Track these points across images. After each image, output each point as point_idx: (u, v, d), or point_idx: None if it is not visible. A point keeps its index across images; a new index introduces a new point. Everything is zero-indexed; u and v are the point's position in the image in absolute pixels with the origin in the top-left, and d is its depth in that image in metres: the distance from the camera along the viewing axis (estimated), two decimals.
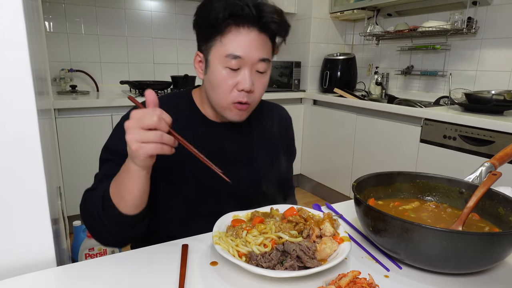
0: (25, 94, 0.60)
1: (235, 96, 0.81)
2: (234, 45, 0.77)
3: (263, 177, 0.96)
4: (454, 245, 0.59)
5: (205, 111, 0.91)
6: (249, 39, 0.77)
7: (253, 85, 0.80)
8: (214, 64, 0.80)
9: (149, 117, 0.60)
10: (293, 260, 0.62)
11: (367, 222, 0.69)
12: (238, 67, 0.79)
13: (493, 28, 2.32)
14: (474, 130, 1.88)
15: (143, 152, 0.61)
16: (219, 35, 0.78)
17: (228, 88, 0.80)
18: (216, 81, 0.80)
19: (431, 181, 0.86)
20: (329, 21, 3.25)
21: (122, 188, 0.69)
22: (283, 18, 0.81)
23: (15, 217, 0.63)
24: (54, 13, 2.61)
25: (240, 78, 0.79)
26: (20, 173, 0.61)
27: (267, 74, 0.84)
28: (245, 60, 0.78)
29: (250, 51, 0.78)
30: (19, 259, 0.65)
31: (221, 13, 0.75)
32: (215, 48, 0.79)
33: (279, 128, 1.03)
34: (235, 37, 0.77)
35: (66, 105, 2.19)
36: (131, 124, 0.61)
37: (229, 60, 0.78)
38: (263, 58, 0.80)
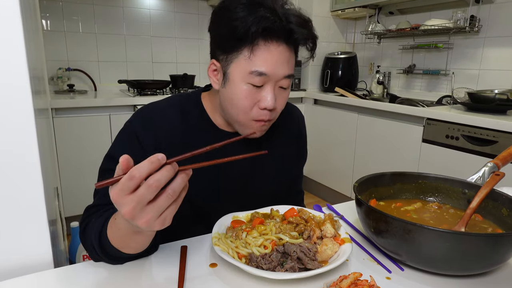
0: (21, 93, 0.60)
1: (256, 115, 0.77)
2: (261, 61, 0.72)
3: (275, 188, 0.94)
4: (456, 246, 0.59)
5: (215, 120, 0.87)
6: (277, 55, 0.73)
7: (275, 101, 0.77)
8: (235, 80, 0.75)
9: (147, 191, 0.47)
10: (294, 261, 0.62)
11: (369, 223, 0.69)
12: (261, 84, 0.74)
13: (496, 27, 2.32)
14: (477, 130, 1.88)
15: (168, 222, 0.51)
16: (246, 49, 0.72)
17: (249, 105, 0.76)
18: (237, 97, 0.76)
19: (434, 182, 0.86)
20: (330, 19, 3.25)
21: (128, 242, 0.61)
22: (312, 31, 0.77)
23: (11, 218, 0.63)
24: (51, 11, 2.61)
25: (263, 95, 0.75)
26: (17, 173, 0.61)
27: (289, 88, 0.80)
28: (270, 77, 0.74)
29: (276, 67, 0.73)
30: (16, 261, 0.65)
31: (253, 27, 0.69)
32: (238, 62, 0.74)
33: (293, 130, 1.00)
34: (263, 53, 0.72)
35: (63, 105, 2.19)
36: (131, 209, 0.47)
37: (253, 77, 0.73)
38: (288, 75, 0.76)
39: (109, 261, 0.66)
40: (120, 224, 0.59)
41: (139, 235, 0.58)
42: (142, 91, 2.59)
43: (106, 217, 0.65)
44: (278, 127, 0.94)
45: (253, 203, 0.84)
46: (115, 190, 0.47)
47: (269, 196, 0.92)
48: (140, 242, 0.61)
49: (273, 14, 0.71)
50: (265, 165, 0.92)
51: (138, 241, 0.60)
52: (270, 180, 0.93)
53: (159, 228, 0.50)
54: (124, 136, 0.81)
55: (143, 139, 0.79)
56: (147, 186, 0.46)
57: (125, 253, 0.63)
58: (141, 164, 0.46)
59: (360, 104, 2.58)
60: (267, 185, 0.93)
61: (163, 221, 0.50)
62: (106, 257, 0.65)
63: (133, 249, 0.63)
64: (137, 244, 0.61)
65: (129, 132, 0.81)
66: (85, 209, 0.75)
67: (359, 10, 2.96)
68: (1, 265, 0.64)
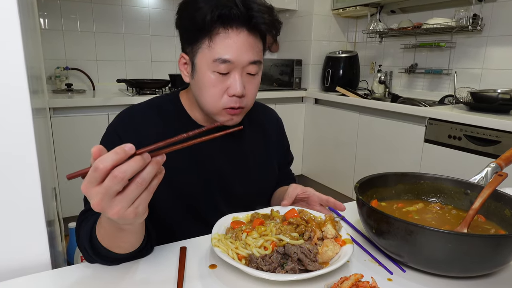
0: (19, 93, 0.60)
1: (226, 102, 0.79)
2: (223, 48, 0.74)
3: (257, 182, 0.96)
4: (459, 247, 0.59)
5: (194, 115, 0.89)
6: (238, 41, 0.75)
7: (244, 88, 0.78)
8: (202, 69, 0.77)
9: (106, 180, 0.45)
10: (294, 263, 0.62)
11: (370, 224, 0.69)
12: (227, 71, 0.76)
13: (499, 25, 2.32)
14: (480, 130, 1.88)
15: (141, 212, 0.49)
16: (206, 38, 0.75)
17: (218, 93, 0.78)
18: (205, 86, 0.78)
19: (436, 182, 0.86)
20: (331, 18, 3.25)
21: (116, 241, 0.61)
22: (273, 16, 0.78)
23: (8, 218, 0.63)
24: (49, 10, 2.61)
25: (230, 82, 0.77)
26: (14, 173, 0.61)
27: (258, 75, 0.82)
28: (235, 64, 0.76)
29: (239, 54, 0.75)
30: (13, 262, 0.65)
31: (208, 15, 0.72)
32: (202, 52, 0.76)
33: (273, 131, 1.03)
34: (223, 40, 0.74)
35: (61, 104, 2.19)
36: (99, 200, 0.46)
37: (218, 65, 0.75)
38: (254, 61, 0.78)
39: (103, 262, 0.66)
40: (104, 222, 0.59)
41: (122, 232, 0.58)
42: (141, 91, 2.59)
43: (94, 219, 0.65)
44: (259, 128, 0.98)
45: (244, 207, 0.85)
46: (84, 183, 0.46)
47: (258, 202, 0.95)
48: (126, 240, 0.60)
49: (230, 1, 0.73)
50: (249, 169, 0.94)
51: (124, 239, 0.60)
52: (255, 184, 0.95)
53: (133, 218, 0.48)
54: (106, 138, 0.83)
55: (125, 138, 0.80)
56: (112, 177, 0.44)
57: (116, 253, 0.63)
58: (106, 155, 0.45)
59: (362, 104, 2.58)
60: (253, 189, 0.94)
61: (135, 210, 0.48)
62: (99, 258, 0.65)
63: (122, 249, 0.63)
64: (125, 243, 0.61)
65: (111, 133, 0.83)
66: (79, 215, 0.75)
67: (361, 9, 2.96)
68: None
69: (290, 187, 0.88)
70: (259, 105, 1.05)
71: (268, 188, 1.01)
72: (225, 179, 0.90)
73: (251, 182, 0.95)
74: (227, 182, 0.91)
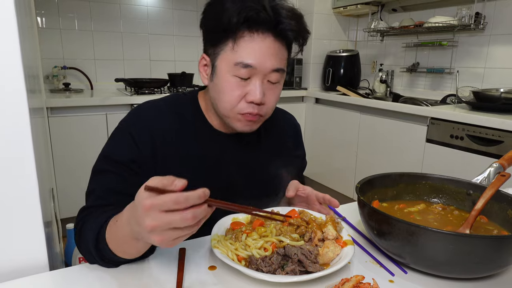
0: (16, 92, 0.60)
1: (243, 107, 0.77)
2: (246, 52, 0.73)
3: (271, 193, 0.94)
4: (461, 249, 0.59)
5: (210, 120, 0.87)
6: (263, 46, 0.73)
7: (264, 96, 0.76)
8: (222, 71, 0.76)
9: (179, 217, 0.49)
10: (295, 264, 0.62)
11: (371, 225, 0.69)
12: (248, 77, 0.75)
13: (502, 24, 2.32)
14: (482, 130, 1.88)
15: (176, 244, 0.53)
16: (230, 40, 0.74)
17: (236, 98, 0.76)
18: (223, 90, 0.76)
19: (438, 183, 0.86)
20: (332, 17, 3.25)
21: (125, 247, 0.61)
22: (302, 24, 0.77)
23: (6, 220, 0.63)
24: (46, 8, 2.61)
25: (250, 88, 0.75)
26: (11, 174, 0.61)
27: (280, 84, 0.80)
28: (257, 70, 0.74)
29: (263, 60, 0.74)
30: (10, 264, 0.65)
31: (235, 17, 0.71)
32: (224, 54, 0.75)
33: (290, 138, 1.01)
34: (247, 43, 0.73)
35: (59, 104, 2.19)
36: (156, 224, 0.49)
37: (239, 69, 0.74)
38: (277, 68, 0.76)
39: (104, 264, 0.66)
40: (122, 227, 0.59)
41: (139, 242, 0.58)
42: (139, 90, 2.59)
43: (105, 218, 0.65)
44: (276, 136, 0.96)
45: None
46: (153, 201, 0.48)
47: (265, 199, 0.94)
48: (137, 248, 0.61)
49: (259, 5, 0.72)
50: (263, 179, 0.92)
51: (136, 247, 0.60)
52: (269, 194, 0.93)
53: (172, 246, 0.52)
54: (119, 135, 0.81)
55: (138, 138, 0.79)
56: (183, 218, 0.48)
57: (120, 257, 0.63)
58: (191, 194, 0.48)
59: (363, 103, 2.58)
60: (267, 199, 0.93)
61: (174, 242, 0.51)
62: (101, 259, 0.64)
63: (128, 255, 0.63)
64: (134, 250, 0.61)
65: (124, 131, 0.81)
66: (80, 211, 0.75)
67: (362, 7, 2.96)
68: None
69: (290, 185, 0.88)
70: (279, 111, 1.03)
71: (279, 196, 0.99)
72: (237, 191, 0.88)
73: (264, 195, 0.92)
74: (240, 195, 0.88)
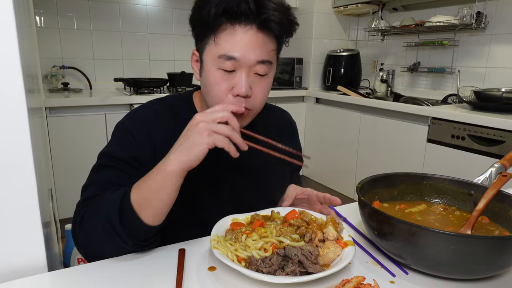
0: (15, 92, 0.60)
1: (231, 102, 0.75)
2: (229, 44, 0.72)
3: (267, 187, 0.95)
4: (462, 249, 0.59)
5: None
6: (245, 38, 0.72)
7: (250, 89, 0.75)
8: (208, 65, 0.76)
9: (220, 112, 0.65)
10: (295, 265, 0.62)
11: (372, 226, 0.69)
12: (233, 69, 0.74)
13: (503, 23, 2.32)
14: (484, 130, 1.88)
15: (211, 140, 0.64)
16: (212, 33, 0.73)
17: (223, 92, 0.75)
18: (210, 83, 0.76)
19: (439, 183, 0.86)
20: (332, 16, 3.25)
21: (151, 195, 0.66)
22: (286, 16, 0.76)
23: (4, 220, 0.63)
24: (45, 7, 2.61)
25: (236, 81, 0.74)
26: (9, 174, 0.61)
27: (268, 77, 0.79)
28: (241, 62, 0.73)
29: (246, 52, 0.72)
30: (8, 264, 0.65)
31: (213, 9, 0.71)
32: (209, 48, 0.75)
33: (287, 136, 1.02)
34: (229, 36, 0.72)
35: (57, 104, 2.19)
36: (203, 116, 0.65)
37: (223, 61, 0.73)
38: (262, 60, 0.74)
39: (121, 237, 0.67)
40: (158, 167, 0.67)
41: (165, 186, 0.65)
42: (138, 90, 2.59)
43: (125, 189, 0.69)
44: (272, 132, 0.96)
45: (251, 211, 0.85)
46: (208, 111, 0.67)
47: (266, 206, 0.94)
48: (162, 196, 0.66)
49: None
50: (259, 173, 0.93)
51: (161, 194, 0.66)
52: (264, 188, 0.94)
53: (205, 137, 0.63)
54: (119, 134, 0.82)
55: (138, 136, 0.80)
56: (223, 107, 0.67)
57: (143, 221, 0.66)
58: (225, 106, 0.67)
59: (363, 103, 2.58)
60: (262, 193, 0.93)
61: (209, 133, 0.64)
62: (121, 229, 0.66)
63: (153, 211, 0.66)
64: (159, 201, 0.66)
65: (124, 130, 0.82)
66: (79, 202, 0.75)
67: (362, 6, 2.96)
68: None
69: (289, 188, 0.88)
70: (275, 108, 1.02)
71: (278, 194, 0.99)
72: (234, 186, 0.89)
73: (262, 193, 0.93)
74: (238, 193, 0.90)
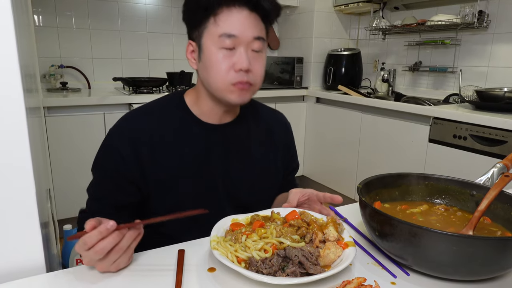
0: (13, 91, 0.60)
1: (233, 77, 0.82)
2: (228, 24, 0.80)
3: (261, 181, 0.97)
4: (464, 250, 0.59)
5: (200, 109, 0.91)
6: (241, 18, 0.81)
7: (250, 64, 0.82)
8: (208, 47, 0.82)
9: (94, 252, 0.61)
10: (295, 266, 0.62)
11: (373, 226, 0.69)
12: (233, 46, 0.81)
13: (506, 22, 2.32)
14: (486, 129, 1.88)
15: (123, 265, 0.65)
16: (211, 16, 0.81)
17: (225, 69, 0.82)
18: (211, 64, 0.82)
19: (440, 183, 0.86)
20: (333, 15, 3.25)
21: None
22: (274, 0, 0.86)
23: (2, 221, 0.63)
24: (43, 6, 2.61)
25: (236, 58, 0.81)
26: (7, 174, 0.61)
27: (263, 53, 0.87)
28: (240, 39, 0.81)
29: (243, 29, 0.81)
30: (6, 265, 0.65)
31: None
32: (208, 30, 0.82)
33: (281, 134, 1.04)
34: (227, 17, 0.80)
35: (56, 103, 2.19)
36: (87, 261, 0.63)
37: (223, 40, 0.80)
38: (258, 37, 0.83)
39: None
40: None
41: None
42: (137, 89, 2.59)
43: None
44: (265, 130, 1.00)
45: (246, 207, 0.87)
46: (76, 245, 0.62)
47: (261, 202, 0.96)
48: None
49: None
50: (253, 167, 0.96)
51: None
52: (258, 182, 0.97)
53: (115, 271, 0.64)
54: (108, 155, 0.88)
55: (124, 152, 0.85)
56: (94, 252, 0.60)
57: None
58: (92, 233, 0.59)
59: (364, 103, 2.58)
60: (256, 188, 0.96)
61: (117, 266, 0.63)
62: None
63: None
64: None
65: (108, 148, 0.88)
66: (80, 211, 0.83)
67: (363, 5, 2.96)
68: None
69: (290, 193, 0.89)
70: (268, 108, 1.06)
71: (272, 191, 1.02)
72: (229, 182, 0.92)
73: (255, 186, 0.96)
74: (232, 185, 0.93)
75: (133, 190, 0.87)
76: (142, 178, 0.86)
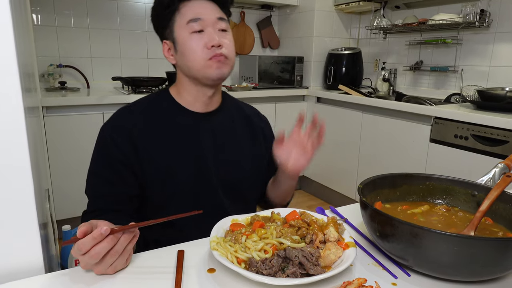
0: (11, 91, 0.60)
1: (208, 53, 0.91)
2: (191, 11, 0.92)
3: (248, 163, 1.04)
4: (465, 251, 0.59)
5: (185, 100, 0.99)
6: (201, 5, 0.93)
7: (220, 40, 0.92)
8: (181, 36, 0.93)
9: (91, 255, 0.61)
10: (295, 267, 0.62)
11: (374, 227, 0.69)
12: (201, 29, 0.91)
13: (508, 21, 2.32)
14: (487, 129, 1.88)
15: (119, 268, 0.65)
16: (176, 11, 0.93)
17: (200, 48, 0.91)
18: (187, 48, 0.92)
19: (442, 183, 0.86)
20: (334, 14, 3.25)
21: None
22: None
23: (0, 221, 0.63)
24: (42, 5, 2.61)
25: (207, 36, 0.91)
26: (6, 174, 0.61)
27: (230, 33, 0.97)
28: (206, 21, 0.92)
29: (205, 12, 0.92)
30: (5, 266, 0.65)
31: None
32: (177, 23, 0.93)
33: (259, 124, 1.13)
34: (189, 7, 0.92)
35: (54, 103, 2.19)
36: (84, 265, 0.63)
37: (192, 25, 0.91)
38: (221, 17, 0.94)
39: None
40: None
41: None
42: (137, 89, 2.59)
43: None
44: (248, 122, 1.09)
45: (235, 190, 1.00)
46: (71, 251, 0.62)
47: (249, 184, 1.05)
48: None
49: None
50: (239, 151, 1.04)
51: None
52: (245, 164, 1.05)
53: (113, 273, 0.64)
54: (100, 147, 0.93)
55: (119, 145, 0.90)
56: (89, 256, 0.60)
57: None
58: (86, 239, 0.60)
59: (365, 102, 2.58)
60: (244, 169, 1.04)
61: (113, 269, 0.64)
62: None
63: None
64: None
65: (102, 141, 0.93)
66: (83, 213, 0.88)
67: (364, 4, 2.96)
68: None
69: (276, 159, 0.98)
70: (244, 104, 1.15)
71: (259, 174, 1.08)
72: (220, 164, 1.00)
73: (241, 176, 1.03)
74: (222, 168, 1.00)
75: (132, 181, 0.91)
76: (137, 164, 0.91)
